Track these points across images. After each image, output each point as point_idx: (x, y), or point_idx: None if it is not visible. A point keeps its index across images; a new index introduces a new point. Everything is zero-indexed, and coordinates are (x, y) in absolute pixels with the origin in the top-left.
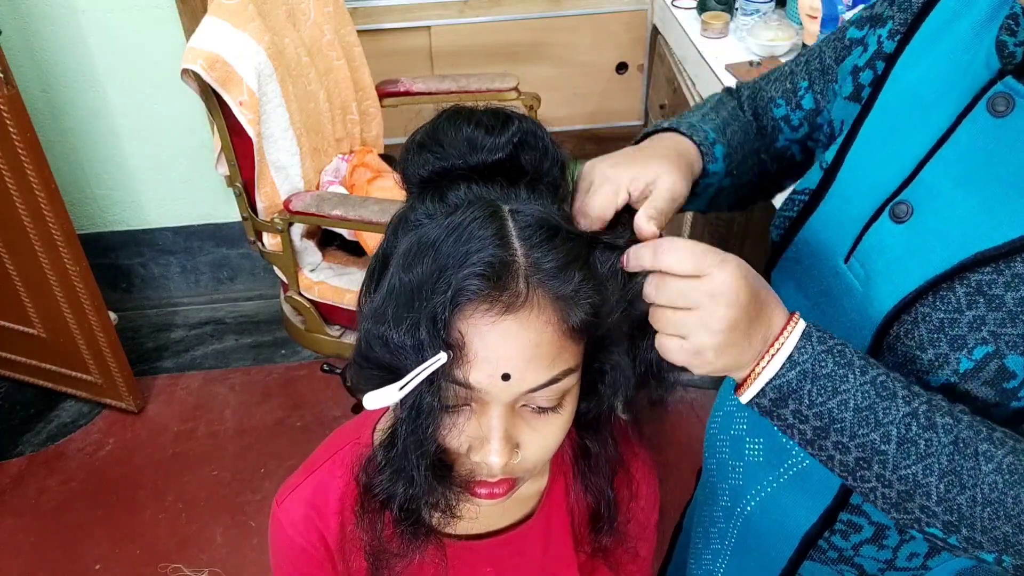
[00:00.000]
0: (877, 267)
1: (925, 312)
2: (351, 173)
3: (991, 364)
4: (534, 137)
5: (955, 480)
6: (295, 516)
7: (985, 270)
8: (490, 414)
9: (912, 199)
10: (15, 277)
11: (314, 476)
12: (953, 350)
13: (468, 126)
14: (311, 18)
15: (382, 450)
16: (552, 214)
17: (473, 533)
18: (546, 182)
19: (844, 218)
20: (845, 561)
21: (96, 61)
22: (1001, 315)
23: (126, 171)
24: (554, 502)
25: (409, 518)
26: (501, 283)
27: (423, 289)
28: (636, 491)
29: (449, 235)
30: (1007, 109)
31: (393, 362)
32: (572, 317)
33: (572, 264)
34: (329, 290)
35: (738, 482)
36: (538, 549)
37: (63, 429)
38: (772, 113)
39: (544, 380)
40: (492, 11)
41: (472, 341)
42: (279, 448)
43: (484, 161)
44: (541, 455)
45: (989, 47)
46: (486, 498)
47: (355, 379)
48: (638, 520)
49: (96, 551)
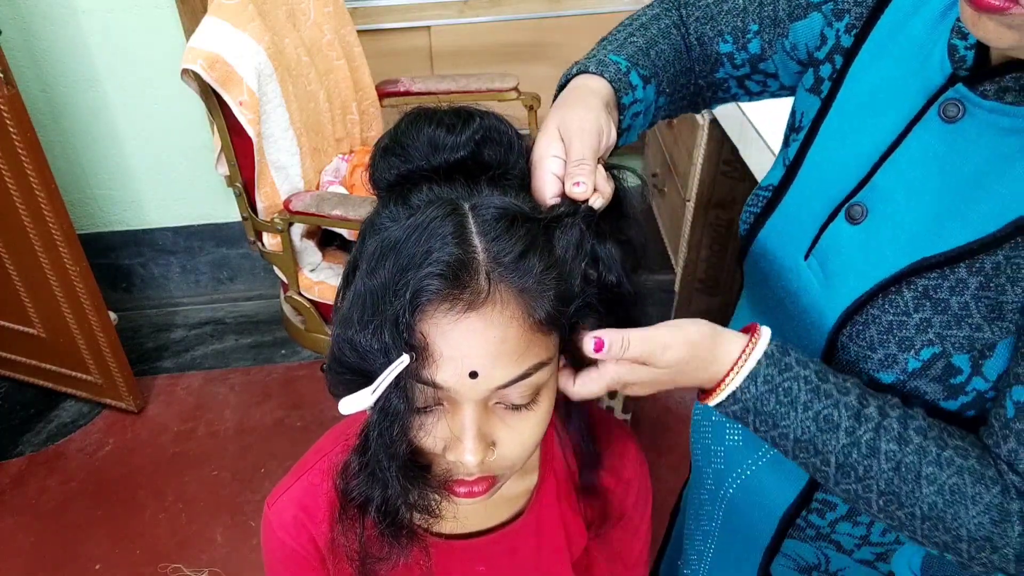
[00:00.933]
0: (833, 267)
1: (875, 314)
2: (351, 173)
3: (938, 363)
4: (497, 132)
5: (893, 499)
6: (285, 518)
7: (931, 275)
8: (462, 413)
9: (866, 201)
10: (15, 277)
11: (304, 479)
12: (901, 351)
13: (429, 127)
14: (311, 18)
15: (355, 454)
16: (512, 203)
17: (464, 532)
18: (514, 174)
19: (804, 216)
20: (823, 538)
21: (96, 61)
22: (947, 318)
23: (126, 171)
24: (544, 499)
25: (389, 521)
26: (461, 281)
27: (386, 292)
28: (627, 487)
29: (409, 236)
30: (958, 114)
31: (363, 366)
32: (537, 310)
33: (531, 252)
34: (329, 290)
35: (720, 466)
36: (530, 547)
37: (63, 429)
38: (718, 47)
39: (513, 376)
40: (492, 11)
41: (436, 341)
42: (279, 448)
43: (447, 160)
44: (519, 452)
45: (942, 49)
46: (466, 496)
47: (331, 385)
48: (630, 515)
49: (96, 551)
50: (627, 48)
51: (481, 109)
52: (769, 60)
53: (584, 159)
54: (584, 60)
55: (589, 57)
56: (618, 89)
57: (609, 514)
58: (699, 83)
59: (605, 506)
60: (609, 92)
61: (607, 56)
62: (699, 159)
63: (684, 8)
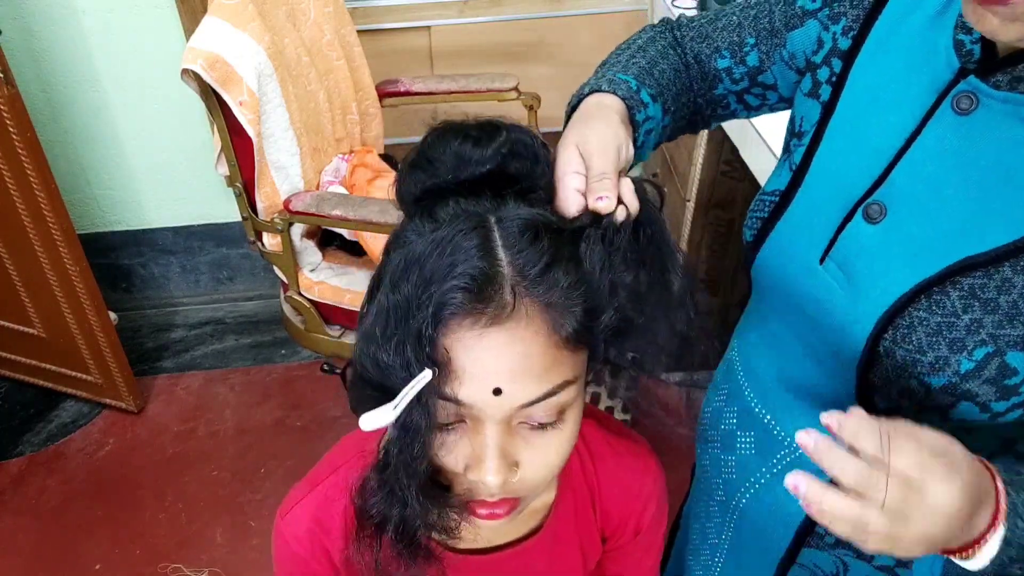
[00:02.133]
0: (857, 268)
1: (921, 316)
2: (351, 173)
3: (992, 363)
4: (523, 146)
5: None
6: (299, 531)
7: (976, 274)
8: (485, 432)
9: (884, 200)
10: (15, 277)
11: (318, 491)
12: (953, 352)
13: (455, 140)
14: (311, 18)
15: (375, 472)
16: (538, 215)
17: (478, 547)
18: (541, 186)
19: (815, 220)
20: (842, 545)
21: (96, 61)
22: (998, 317)
23: (126, 171)
24: (561, 515)
25: (406, 540)
26: (485, 295)
27: (409, 306)
28: (646, 505)
29: (434, 250)
30: (971, 107)
31: (385, 382)
32: (564, 326)
33: (557, 265)
34: (329, 290)
35: (731, 476)
36: (545, 562)
37: (63, 429)
38: (716, 63)
39: (538, 394)
40: (492, 11)
41: (459, 356)
42: (279, 448)
43: (473, 174)
44: (544, 473)
45: (947, 45)
46: (487, 519)
47: (353, 400)
48: (646, 532)
49: (96, 551)
50: (632, 68)
51: (507, 122)
52: (767, 71)
53: (606, 173)
54: (593, 80)
55: (598, 78)
56: (631, 107)
57: (625, 530)
58: (698, 101)
59: (622, 523)
60: (623, 109)
61: (615, 76)
62: (699, 159)
63: (677, 30)
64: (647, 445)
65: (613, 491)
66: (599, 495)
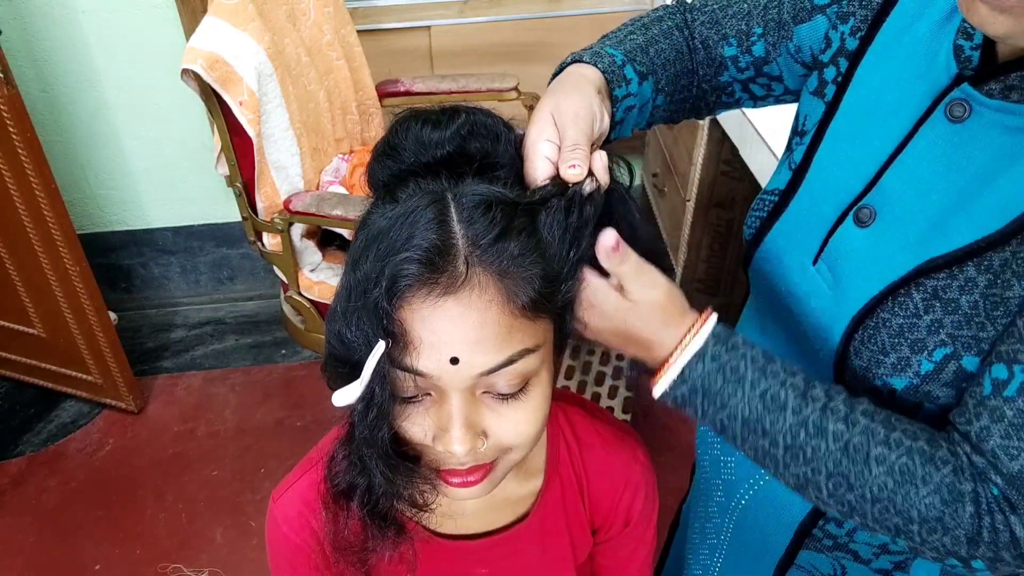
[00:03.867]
0: (843, 270)
1: (885, 318)
2: (351, 173)
3: (950, 365)
4: (483, 127)
5: (842, 481)
6: (290, 513)
7: (940, 275)
8: (449, 402)
9: (875, 203)
10: (15, 277)
11: (309, 474)
12: (914, 353)
13: (416, 125)
14: (311, 18)
15: (340, 444)
16: (495, 190)
17: (466, 533)
18: (502, 165)
19: (812, 220)
20: (840, 548)
21: (96, 61)
22: (957, 318)
23: (126, 171)
24: (549, 504)
25: (371, 510)
26: (437, 266)
27: (368, 282)
28: (635, 495)
29: (391, 226)
30: (964, 114)
31: (351, 358)
32: (520, 295)
33: (509, 234)
34: (329, 290)
35: (731, 477)
36: (533, 550)
37: (63, 429)
38: (722, 50)
39: (496, 363)
40: (492, 11)
41: (415, 327)
42: (279, 448)
43: (434, 156)
44: (514, 440)
45: (947, 50)
46: (460, 487)
47: (329, 380)
48: (636, 523)
49: (96, 551)
50: (625, 44)
51: (469, 105)
52: (773, 63)
53: (578, 144)
54: (580, 51)
55: (584, 49)
56: (611, 80)
57: (615, 521)
58: (703, 87)
59: (611, 513)
60: (602, 81)
61: (603, 49)
62: (699, 159)
63: (689, 12)
64: (635, 435)
65: (601, 480)
66: (587, 484)
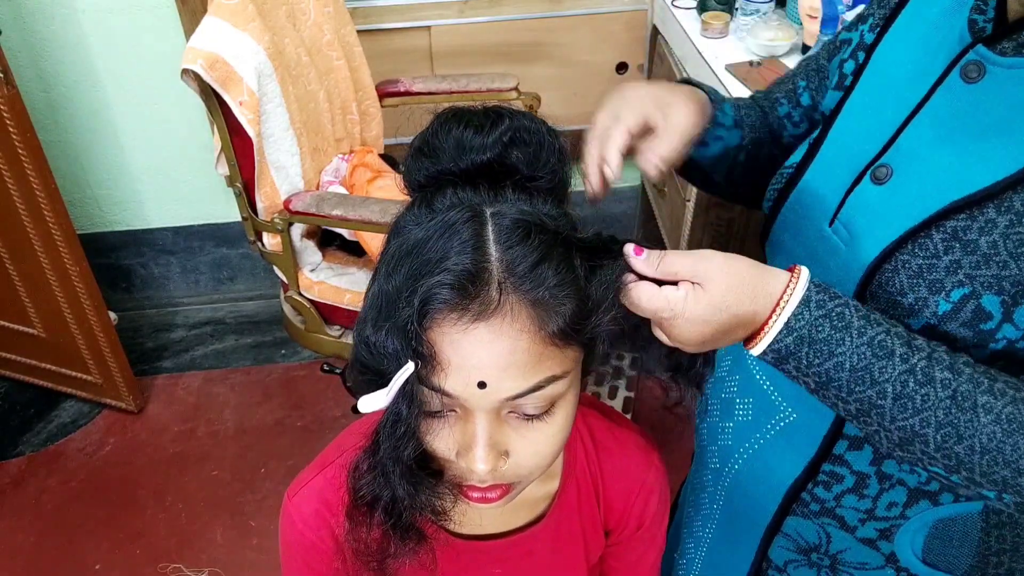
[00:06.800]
0: (860, 226)
1: (905, 260)
2: (351, 173)
3: (968, 305)
4: (527, 132)
5: (952, 431)
6: (306, 511)
7: (960, 217)
8: (474, 421)
9: (892, 162)
10: (15, 277)
11: (325, 472)
12: (932, 293)
13: (458, 127)
14: (311, 18)
15: (366, 455)
16: (534, 212)
17: (482, 533)
18: (545, 173)
19: (827, 186)
20: (827, 513)
21: (96, 61)
22: (976, 258)
23: (126, 171)
24: (565, 506)
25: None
26: (471, 291)
27: (399, 296)
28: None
29: (426, 242)
30: (979, 75)
31: (378, 366)
32: (550, 323)
33: (546, 262)
34: (329, 290)
35: (727, 442)
36: (548, 552)
37: (63, 429)
38: (777, 112)
39: (524, 388)
40: (492, 11)
41: (444, 349)
42: (279, 448)
43: (474, 161)
44: (535, 462)
45: (961, 26)
46: (479, 502)
47: (354, 382)
48: (648, 526)
49: (96, 551)
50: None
51: (513, 109)
52: (820, 104)
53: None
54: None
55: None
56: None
57: (628, 524)
58: (773, 152)
59: (625, 515)
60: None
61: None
62: None
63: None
64: (651, 438)
65: (617, 483)
66: (603, 486)
